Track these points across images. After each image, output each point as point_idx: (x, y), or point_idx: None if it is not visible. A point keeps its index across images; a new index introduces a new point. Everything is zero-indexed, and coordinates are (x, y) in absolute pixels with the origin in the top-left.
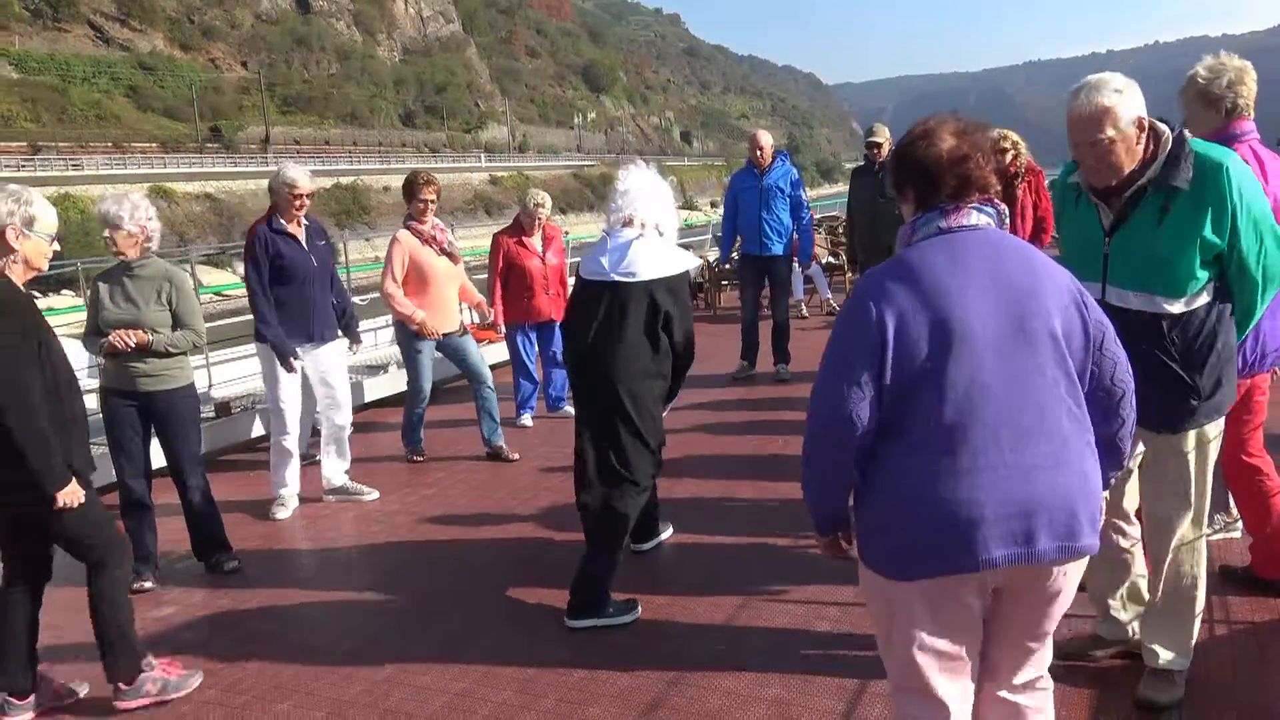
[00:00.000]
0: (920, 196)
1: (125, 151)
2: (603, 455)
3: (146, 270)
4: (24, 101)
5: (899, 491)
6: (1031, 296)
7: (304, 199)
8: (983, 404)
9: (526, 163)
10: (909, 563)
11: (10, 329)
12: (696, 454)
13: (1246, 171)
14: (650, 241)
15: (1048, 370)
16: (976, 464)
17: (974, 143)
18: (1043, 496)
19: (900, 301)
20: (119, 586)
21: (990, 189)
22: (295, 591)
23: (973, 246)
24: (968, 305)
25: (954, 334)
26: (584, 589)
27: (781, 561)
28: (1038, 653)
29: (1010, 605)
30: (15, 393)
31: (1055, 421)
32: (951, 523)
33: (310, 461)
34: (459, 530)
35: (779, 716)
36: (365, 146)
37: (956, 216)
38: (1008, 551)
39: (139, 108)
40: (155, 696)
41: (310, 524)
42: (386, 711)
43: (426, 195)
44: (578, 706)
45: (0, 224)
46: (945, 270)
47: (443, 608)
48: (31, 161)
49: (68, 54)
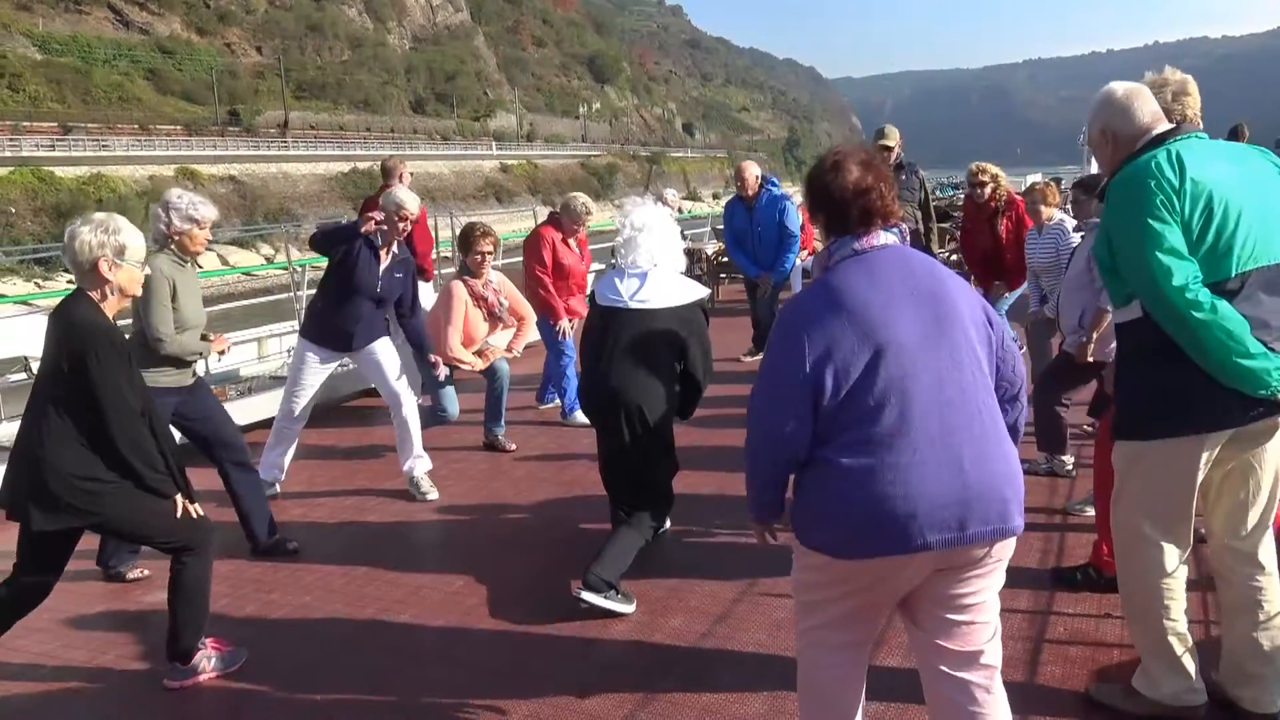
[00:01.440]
0: (830, 223)
1: (151, 133)
2: (628, 470)
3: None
4: (50, 83)
5: (837, 490)
6: (942, 301)
7: (410, 224)
8: (913, 405)
9: (535, 151)
10: (850, 547)
11: (107, 352)
12: (695, 445)
13: (1124, 187)
14: (662, 272)
15: (966, 366)
16: (910, 460)
17: (878, 174)
18: (973, 484)
19: (829, 325)
20: (205, 570)
21: (892, 216)
22: (284, 581)
23: (887, 263)
24: (891, 316)
25: (882, 344)
26: (599, 561)
27: (779, 554)
28: (976, 629)
29: (944, 585)
30: (122, 407)
31: (979, 413)
32: (889, 517)
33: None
34: (456, 521)
35: (775, 710)
36: (379, 133)
37: (868, 239)
38: (942, 536)
39: (158, 90)
40: (209, 673)
41: (306, 513)
42: (383, 700)
43: (483, 247)
44: (575, 697)
45: (93, 256)
46: (866, 287)
47: (439, 598)
48: (65, 141)
49: (89, 36)
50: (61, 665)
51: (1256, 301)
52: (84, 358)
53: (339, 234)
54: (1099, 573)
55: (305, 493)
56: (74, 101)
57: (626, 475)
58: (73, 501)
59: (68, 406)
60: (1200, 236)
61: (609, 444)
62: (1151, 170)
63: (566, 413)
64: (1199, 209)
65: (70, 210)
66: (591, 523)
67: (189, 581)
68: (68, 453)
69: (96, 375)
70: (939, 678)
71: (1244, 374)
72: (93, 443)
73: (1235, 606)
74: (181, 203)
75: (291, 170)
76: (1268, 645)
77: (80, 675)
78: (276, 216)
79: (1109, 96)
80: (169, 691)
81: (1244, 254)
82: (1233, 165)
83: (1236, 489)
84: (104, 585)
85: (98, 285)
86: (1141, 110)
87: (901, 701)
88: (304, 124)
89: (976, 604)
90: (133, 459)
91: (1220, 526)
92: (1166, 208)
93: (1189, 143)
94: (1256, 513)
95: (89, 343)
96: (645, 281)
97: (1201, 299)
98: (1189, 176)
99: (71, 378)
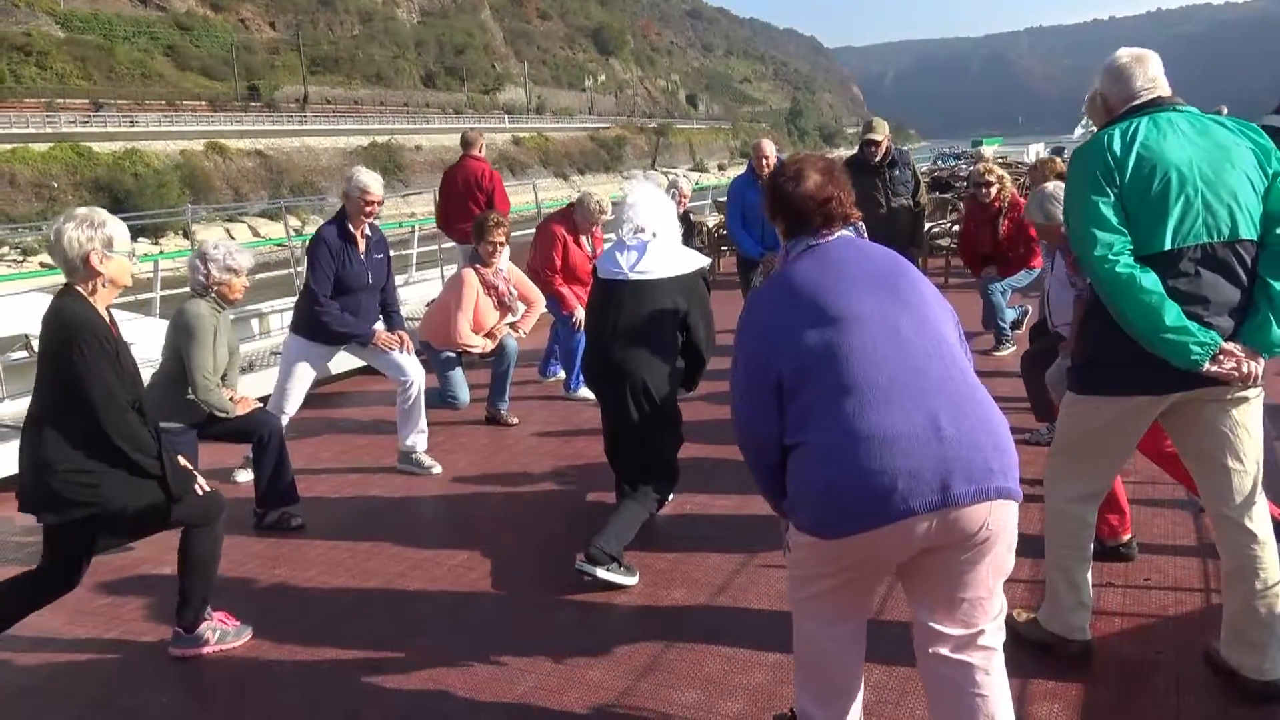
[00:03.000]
0: (791, 227)
1: (178, 109)
2: (633, 444)
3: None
4: (75, 60)
5: (815, 469)
6: (901, 275)
7: (375, 206)
8: (878, 374)
9: (545, 124)
10: (834, 525)
11: (92, 344)
12: (696, 419)
13: (1078, 156)
14: (662, 244)
15: (931, 332)
16: (882, 429)
17: (836, 182)
18: (952, 445)
19: (779, 312)
20: (213, 541)
21: (851, 218)
22: (287, 555)
23: (837, 247)
24: (844, 292)
25: (835, 320)
26: (604, 533)
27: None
28: (975, 610)
29: (940, 560)
30: (110, 399)
31: (952, 377)
32: (868, 490)
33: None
34: (458, 495)
35: (778, 681)
36: (393, 107)
37: (825, 234)
38: (925, 500)
39: (178, 67)
40: (214, 646)
41: (309, 487)
42: (386, 673)
43: (496, 238)
44: (578, 669)
45: (83, 250)
46: (815, 271)
47: (441, 572)
48: (98, 117)
49: (110, 14)
50: (69, 639)
51: (1195, 276)
52: (69, 352)
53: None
54: (1099, 542)
55: (308, 468)
56: (99, 78)
57: (631, 448)
58: (70, 496)
59: (61, 402)
60: (1138, 208)
61: (613, 417)
62: (1101, 143)
63: (571, 387)
64: (1140, 180)
65: (108, 184)
66: (594, 495)
67: (197, 553)
68: (61, 449)
69: (82, 369)
70: (937, 661)
71: (1162, 345)
72: (87, 436)
73: (1234, 575)
74: (219, 254)
75: (314, 144)
76: (1265, 613)
77: (87, 648)
78: (301, 189)
79: (1111, 61)
80: (176, 663)
81: (1183, 228)
82: (1195, 141)
83: (1216, 457)
84: (110, 559)
85: (89, 278)
86: (1135, 76)
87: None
88: (320, 99)
89: (976, 581)
90: (127, 448)
91: (1211, 495)
92: (1105, 179)
93: (1160, 115)
94: (1242, 481)
95: (74, 337)
96: (645, 252)
97: (1120, 270)
98: (1136, 149)
99: (61, 372)
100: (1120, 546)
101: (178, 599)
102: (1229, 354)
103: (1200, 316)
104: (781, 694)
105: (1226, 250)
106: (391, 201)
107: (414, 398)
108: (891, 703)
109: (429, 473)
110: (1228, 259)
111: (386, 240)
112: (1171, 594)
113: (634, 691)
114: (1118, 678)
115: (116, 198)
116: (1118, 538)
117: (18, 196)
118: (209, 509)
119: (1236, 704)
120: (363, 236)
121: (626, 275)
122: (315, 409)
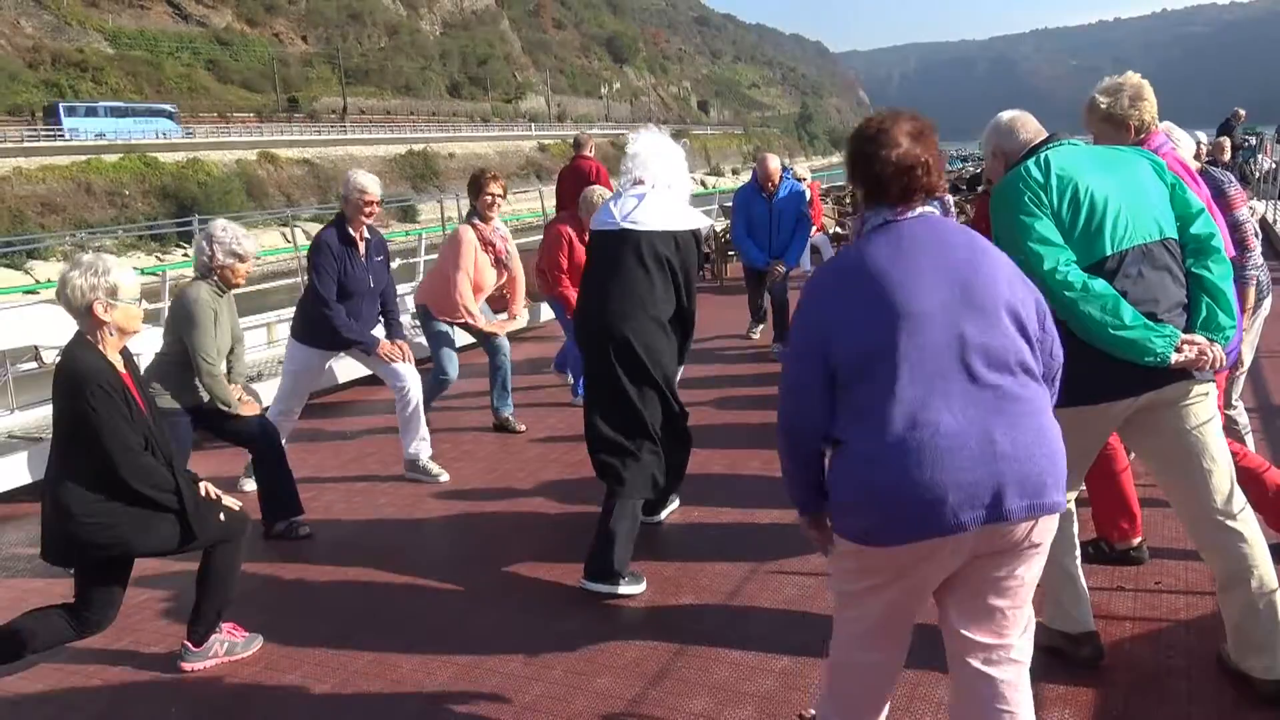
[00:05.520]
0: (869, 195)
1: (230, 121)
2: (620, 410)
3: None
4: (126, 75)
5: (863, 473)
6: (977, 272)
7: (374, 206)
8: (937, 378)
9: (567, 131)
10: (883, 534)
11: (98, 394)
12: (704, 425)
13: (999, 192)
14: (660, 196)
15: (998, 337)
16: (938, 436)
17: (925, 147)
18: (1007, 459)
19: (844, 297)
20: (235, 557)
21: (936, 191)
22: (295, 565)
23: (916, 232)
24: (912, 286)
25: (900, 316)
26: (603, 551)
27: (789, 533)
28: (1009, 620)
29: (982, 570)
30: (125, 447)
31: (1012, 386)
32: (919, 499)
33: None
34: (465, 503)
35: (787, 688)
36: (423, 116)
37: (905, 209)
38: (976, 514)
39: (219, 80)
40: (223, 658)
41: (315, 498)
42: (395, 681)
43: (493, 189)
44: (586, 677)
45: (86, 300)
46: (887, 255)
47: (450, 580)
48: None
49: (155, 30)
50: (78, 650)
51: (1140, 278)
52: (80, 406)
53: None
54: (1110, 546)
55: (316, 477)
56: (150, 92)
57: (619, 420)
58: (89, 538)
59: (78, 451)
60: (1072, 223)
61: (598, 380)
62: (1020, 174)
63: (579, 393)
64: (1066, 199)
65: (174, 192)
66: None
67: (218, 568)
68: (81, 496)
69: (95, 421)
70: (968, 671)
71: (1125, 344)
72: (103, 481)
73: (1230, 579)
74: (225, 236)
75: (356, 153)
76: (1267, 611)
77: (97, 658)
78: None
79: (996, 123)
80: (184, 675)
81: (1117, 234)
82: (1100, 162)
83: (1192, 458)
84: None
85: (95, 328)
86: (1024, 130)
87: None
88: (355, 109)
89: (1013, 589)
90: (147, 491)
91: (1193, 503)
92: (1034, 202)
93: (1060, 148)
94: (1220, 479)
95: (82, 390)
96: (642, 201)
97: (1072, 279)
98: (1054, 173)
99: (73, 422)
100: (1131, 550)
101: (192, 613)
102: (1190, 342)
103: (1155, 316)
104: (791, 701)
105: (1161, 249)
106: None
107: (413, 405)
108: (901, 709)
109: (436, 480)
110: (1164, 259)
111: (385, 243)
112: (1183, 597)
113: (643, 699)
114: (1129, 682)
115: (183, 204)
116: (1128, 541)
117: (94, 204)
118: (231, 528)
119: (1250, 707)
120: (362, 239)
121: (618, 224)
122: (321, 419)
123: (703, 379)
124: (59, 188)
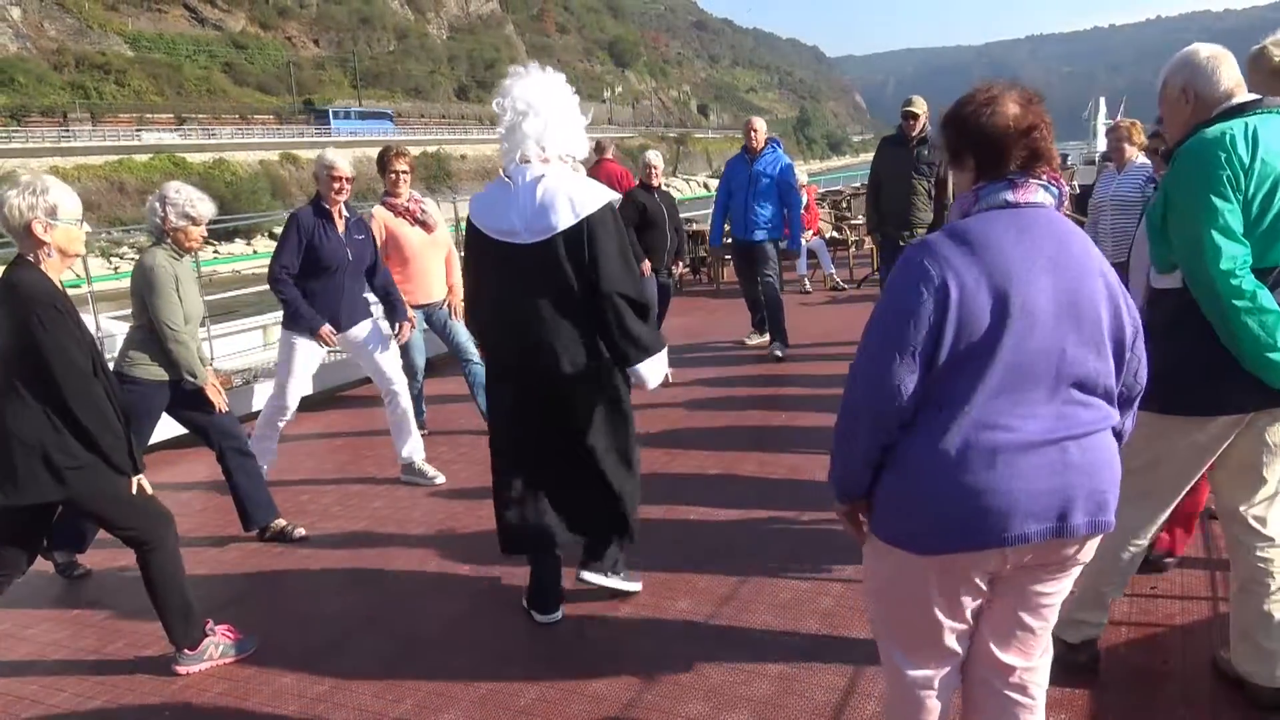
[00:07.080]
0: (983, 166)
1: (251, 123)
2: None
3: None
4: (148, 77)
5: (932, 470)
6: (1088, 279)
7: (343, 182)
8: (1028, 382)
9: None
10: (934, 540)
11: (50, 315)
12: (699, 427)
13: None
14: (560, 175)
15: (1089, 350)
16: (1017, 440)
17: (1039, 112)
18: (1077, 474)
19: (963, 270)
20: (171, 562)
21: (1054, 162)
22: (291, 568)
23: (1039, 224)
24: (1031, 282)
25: (1014, 309)
26: (601, 557)
27: (785, 536)
28: (1036, 639)
29: (1020, 584)
30: (71, 369)
31: (1092, 400)
32: (985, 505)
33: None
34: (459, 505)
35: (783, 692)
36: (433, 119)
37: (1024, 191)
38: (1041, 528)
39: (236, 82)
40: (217, 660)
41: (312, 499)
42: (390, 684)
43: (398, 166)
44: (581, 681)
45: (24, 219)
46: (1012, 244)
47: (445, 583)
48: (181, 130)
49: (173, 34)
50: (71, 653)
51: None
52: (27, 322)
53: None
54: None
55: (311, 480)
56: (170, 94)
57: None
58: (38, 476)
59: (25, 378)
60: (1258, 219)
61: (522, 426)
62: (1225, 143)
63: None
64: (1263, 191)
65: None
66: None
67: (157, 575)
68: (32, 427)
69: (42, 338)
70: (987, 691)
71: (1270, 367)
72: (53, 411)
73: (1247, 581)
74: (179, 198)
75: (371, 154)
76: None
77: (90, 663)
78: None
79: (1194, 55)
80: (179, 677)
81: None
82: None
83: (1256, 466)
84: (112, 574)
85: (35, 248)
86: (1226, 74)
87: None
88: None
89: (1048, 608)
90: (89, 421)
91: (1232, 496)
92: (1232, 185)
93: (1270, 118)
94: (1268, 490)
95: (30, 306)
96: (537, 199)
97: (1245, 286)
98: (1260, 156)
99: (20, 345)
100: (1164, 557)
101: (161, 624)
102: None
103: None
104: (786, 705)
105: None
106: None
107: (402, 407)
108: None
109: (432, 483)
110: None
111: (365, 222)
112: (1179, 603)
113: (638, 703)
114: (1125, 687)
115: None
116: (1168, 551)
117: (126, 202)
118: (157, 527)
119: (1245, 712)
120: (340, 216)
121: (524, 240)
122: (318, 422)
123: (700, 380)
124: (93, 186)
